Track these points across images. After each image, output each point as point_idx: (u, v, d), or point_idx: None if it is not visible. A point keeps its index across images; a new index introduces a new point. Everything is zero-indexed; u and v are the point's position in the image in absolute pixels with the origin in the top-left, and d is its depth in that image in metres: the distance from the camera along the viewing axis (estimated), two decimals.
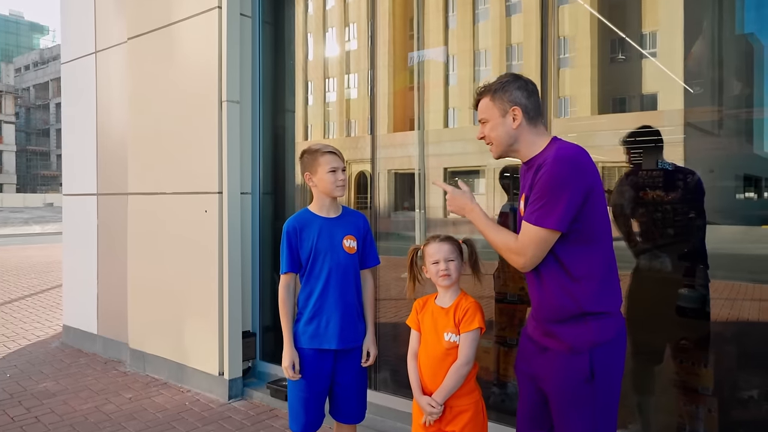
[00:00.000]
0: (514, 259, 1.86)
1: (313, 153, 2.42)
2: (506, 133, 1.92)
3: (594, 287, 1.83)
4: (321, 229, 2.41)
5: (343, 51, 7.78)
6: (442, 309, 2.21)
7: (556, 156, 1.79)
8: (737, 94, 2.68)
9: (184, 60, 4.14)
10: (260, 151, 4.19)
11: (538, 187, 1.77)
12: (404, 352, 2.31)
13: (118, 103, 4.85)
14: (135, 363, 4.60)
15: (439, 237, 2.22)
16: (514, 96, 1.91)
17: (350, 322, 2.44)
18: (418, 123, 4.93)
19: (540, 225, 1.77)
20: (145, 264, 4.49)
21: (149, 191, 4.43)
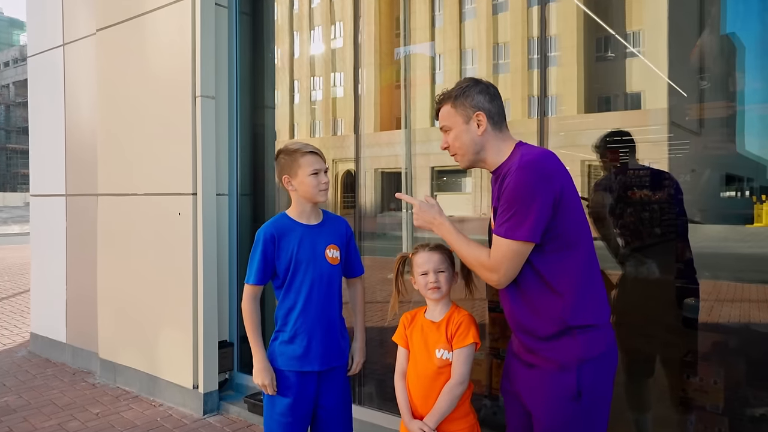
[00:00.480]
0: (487, 276, 1.72)
1: (292, 153, 2.18)
2: (471, 141, 1.78)
3: (578, 298, 1.69)
4: (302, 238, 2.18)
5: (328, 48, 7.58)
6: (432, 323, 2.02)
7: (520, 163, 1.65)
8: (721, 93, 2.64)
9: (156, 53, 3.89)
10: (238, 149, 3.95)
11: (505, 198, 1.64)
12: (391, 362, 2.12)
13: (88, 98, 4.58)
14: (105, 374, 4.34)
15: (429, 246, 2.01)
16: (477, 100, 1.77)
17: (333, 339, 2.22)
18: (405, 121, 4.83)
19: (511, 237, 1.63)
20: (116, 269, 4.23)
21: (120, 192, 4.17)
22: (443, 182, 6.74)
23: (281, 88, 4.28)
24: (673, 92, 2.78)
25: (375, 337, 3.71)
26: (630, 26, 3.03)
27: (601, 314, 1.73)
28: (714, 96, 2.70)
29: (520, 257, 1.66)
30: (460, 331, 1.94)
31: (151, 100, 3.92)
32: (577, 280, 1.69)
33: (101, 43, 4.28)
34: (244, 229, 3.99)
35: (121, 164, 4.16)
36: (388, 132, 6.12)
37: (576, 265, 1.70)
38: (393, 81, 5.62)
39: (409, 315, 2.12)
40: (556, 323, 1.68)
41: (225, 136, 3.88)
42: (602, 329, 1.71)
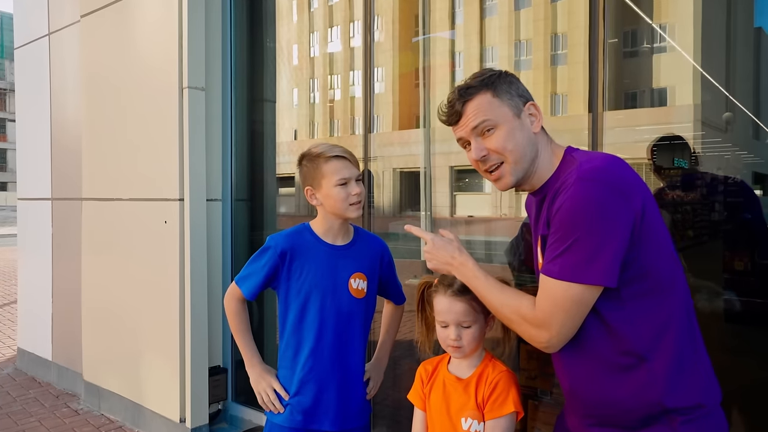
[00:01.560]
0: (533, 334, 1.21)
1: (314, 159, 1.73)
2: (528, 141, 1.28)
3: (674, 367, 1.17)
4: (322, 262, 1.74)
5: (347, 46, 7.30)
6: (458, 381, 1.53)
7: (580, 174, 1.14)
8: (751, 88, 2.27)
9: (141, 39, 3.44)
10: (232, 149, 3.47)
11: (559, 221, 1.14)
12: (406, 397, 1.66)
13: (73, 92, 4.16)
14: (89, 399, 3.91)
15: (452, 286, 1.49)
16: (521, 88, 1.30)
17: (352, 393, 1.78)
18: (423, 120, 4.57)
19: (570, 279, 1.13)
20: (100, 282, 3.80)
21: (104, 196, 3.73)
22: (463, 182, 6.46)
23: (279, 77, 3.81)
24: (702, 88, 2.39)
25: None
26: (659, 19, 2.65)
27: (709, 390, 1.20)
28: (744, 92, 2.29)
29: (582, 307, 1.16)
30: (495, 395, 1.44)
31: (135, 93, 3.47)
32: (672, 340, 1.17)
33: (85, 30, 3.85)
34: (239, 239, 3.51)
35: (106, 165, 3.73)
36: (406, 131, 5.90)
37: (668, 316, 1.18)
38: (412, 79, 5.41)
39: (429, 365, 1.62)
40: (644, 404, 1.17)
41: (218, 133, 3.40)
42: (712, 414, 1.18)
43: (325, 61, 10.31)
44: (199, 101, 3.23)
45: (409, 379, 1.67)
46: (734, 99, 2.20)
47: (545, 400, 2.56)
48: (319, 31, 10.19)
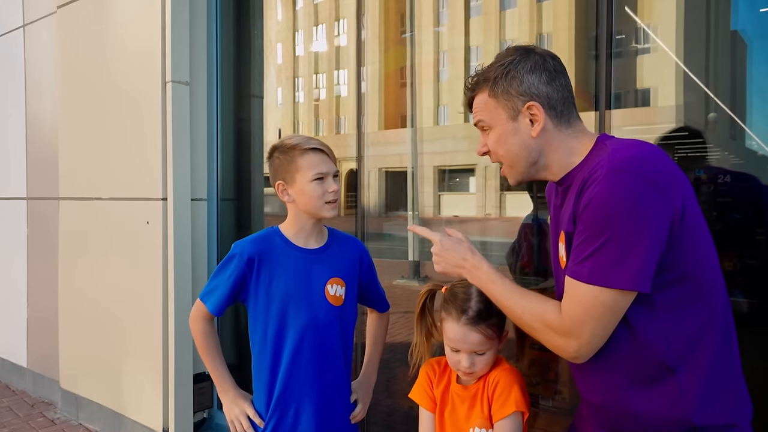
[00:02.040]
0: (560, 343, 1.10)
1: (288, 151, 1.57)
2: (522, 146, 1.18)
3: (707, 381, 1.07)
4: (295, 268, 1.58)
5: (332, 45, 7.24)
6: (464, 390, 1.44)
7: (613, 163, 1.02)
8: (730, 90, 2.27)
9: (121, 31, 3.28)
10: (218, 146, 3.33)
11: (589, 218, 1.03)
12: (400, 403, 1.55)
13: (50, 87, 3.97)
14: (67, 408, 3.73)
15: (468, 312, 1.36)
16: (527, 84, 1.16)
17: (334, 411, 1.63)
18: (410, 120, 4.53)
19: (601, 283, 1.02)
20: (78, 286, 3.63)
21: (83, 196, 3.57)
22: (447, 182, 6.46)
23: (267, 71, 3.69)
24: (685, 89, 2.37)
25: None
26: (642, 20, 2.59)
27: (742, 408, 1.11)
28: (724, 93, 2.28)
29: (615, 314, 1.05)
30: (497, 395, 1.37)
31: (115, 88, 3.31)
32: (706, 353, 1.07)
33: (62, 21, 3.68)
34: (226, 241, 3.37)
35: (85, 163, 3.56)
36: (393, 130, 5.85)
37: (704, 327, 1.08)
38: (398, 78, 5.44)
39: (437, 365, 1.51)
40: (671, 420, 1.08)
41: (203, 129, 3.26)
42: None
43: (310, 60, 10.18)
44: (183, 96, 3.08)
45: (402, 383, 1.57)
46: (717, 99, 2.19)
47: (546, 407, 2.49)
48: (303, 29, 10.05)
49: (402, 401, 3.07)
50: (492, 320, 1.37)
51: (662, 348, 1.07)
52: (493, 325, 1.37)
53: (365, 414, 1.76)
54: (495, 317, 1.37)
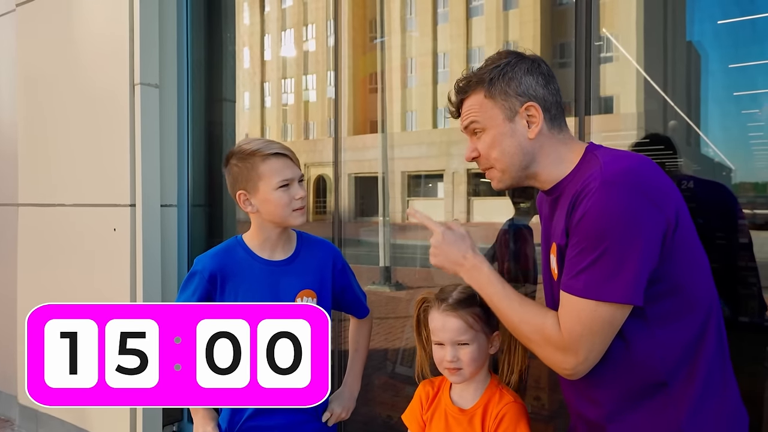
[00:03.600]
0: (558, 359, 1.08)
1: (248, 158, 1.47)
2: (518, 149, 1.15)
3: (699, 393, 1.06)
4: (261, 282, 1.50)
5: (300, 51, 7.23)
6: (460, 412, 1.36)
7: (606, 176, 1.02)
8: (686, 100, 2.36)
9: (87, 30, 3.16)
10: (189, 151, 3.25)
11: (584, 231, 1.04)
12: (380, 412, 1.49)
13: (9, 88, 3.82)
14: (25, 424, 3.56)
15: (447, 299, 1.34)
16: (525, 85, 1.14)
17: (302, 426, 1.56)
18: (381, 125, 4.62)
19: (598, 297, 1.01)
20: (39, 296, 3.47)
21: (44, 202, 3.42)
22: (416, 187, 6.48)
23: (238, 74, 3.63)
24: (646, 97, 2.45)
25: None
26: (602, 29, 2.63)
27: (735, 420, 1.11)
28: (681, 102, 2.37)
29: (612, 328, 1.04)
30: (502, 430, 1.29)
31: (80, 90, 3.19)
32: (699, 365, 1.07)
33: (22, 20, 3.53)
34: (197, 249, 3.28)
35: (47, 167, 3.42)
36: (362, 136, 5.85)
37: (698, 339, 1.07)
38: (368, 84, 5.40)
39: (431, 387, 1.46)
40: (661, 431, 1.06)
41: (173, 134, 3.16)
42: None
43: (278, 65, 10.05)
44: (153, 99, 2.99)
45: (379, 391, 1.53)
46: (676, 107, 2.25)
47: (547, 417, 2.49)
48: (271, 34, 9.93)
49: (379, 410, 3.04)
50: (473, 309, 1.32)
51: (656, 360, 1.07)
52: (475, 314, 1.32)
53: (345, 417, 1.69)
54: (478, 308, 1.33)
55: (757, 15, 2.05)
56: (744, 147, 2.13)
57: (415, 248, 4.61)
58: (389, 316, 3.91)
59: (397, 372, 3.15)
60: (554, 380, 2.45)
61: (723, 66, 2.22)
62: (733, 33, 2.13)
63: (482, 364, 1.36)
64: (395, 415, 1.51)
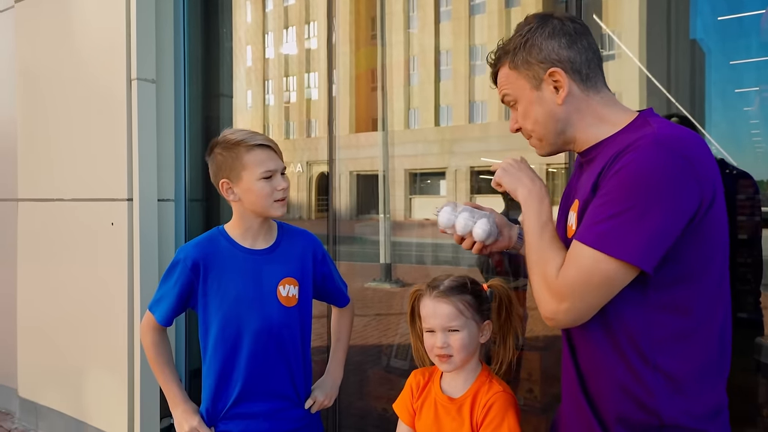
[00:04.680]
0: (544, 300, 1.05)
1: (233, 147, 1.50)
2: (549, 115, 1.14)
3: (695, 379, 1.04)
4: (244, 271, 1.52)
5: (302, 48, 7.25)
6: (450, 402, 1.37)
7: (659, 137, 0.97)
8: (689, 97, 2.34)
9: (84, 26, 3.19)
10: (186, 146, 3.26)
11: (616, 183, 0.99)
12: (372, 405, 1.50)
13: (8, 84, 3.83)
14: (25, 417, 3.59)
15: (439, 287, 1.36)
16: (547, 50, 1.12)
17: (289, 414, 1.58)
18: (381, 123, 4.60)
19: (607, 251, 0.97)
20: (39, 291, 3.50)
21: (43, 197, 3.45)
22: (418, 185, 6.50)
23: (236, 69, 3.65)
24: (649, 94, 2.42)
25: (352, 358, 3.09)
26: (607, 26, 2.68)
27: (723, 410, 1.10)
28: (684, 100, 2.34)
29: (610, 287, 1.00)
30: (489, 419, 1.29)
31: (77, 85, 3.21)
32: (695, 357, 1.05)
33: (21, 16, 3.56)
34: None
35: (46, 162, 3.44)
36: (364, 134, 5.85)
37: (698, 331, 1.05)
38: (369, 81, 5.37)
39: (422, 377, 1.47)
40: (643, 419, 1.05)
41: (170, 128, 3.19)
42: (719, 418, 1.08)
43: (280, 63, 10.09)
44: (149, 94, 3.01)
45: (375, 385, 1.54)
46: (678, 104, 2.24)
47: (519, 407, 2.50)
48: (273, 32, 9.95)
49: (374, 403, 3.06)
50: (464, 297, 1.34)
51: (646, 339, 1.04)
52: (465, 301, 1.33)
53: (328, 405, 1.71)
54: (469, 296, 1.35)
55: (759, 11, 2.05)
56: (747, 144, 2.13)
57: (415, 246, 4.62)
58: (391, 312, 3.92)
59: (393, 366, 3.17)
60: (547, 374, 2.47)
61: (726, 63, 2.22)
62: (736, 29, 2.13)
63: (473, 353, 1.36)
64: (391, 408, 1.52)
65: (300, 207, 6.80)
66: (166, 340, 1.61)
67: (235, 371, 1.52)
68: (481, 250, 1.31)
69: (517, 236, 1.38)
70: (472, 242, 1.29)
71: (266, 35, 10.20)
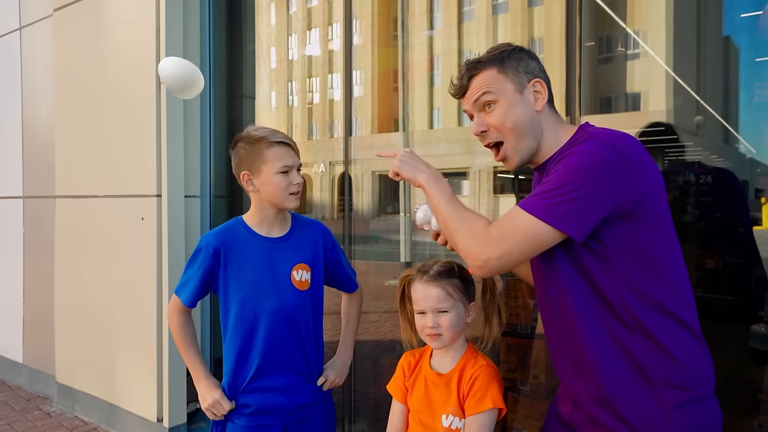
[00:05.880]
0: (473, 249, 1.17)
1: (255, 143, 1.64)
2: (528, 117, 1.25)
3: (668, 344, 1.16)
4: (260, 256, 1.66)
5: (325, 49, 7.34)
6: (439, 377, 1.48)
7: (596, 134, 1.16)
8: (721, 95, 2.31)
9: (117, 33, 3.38)
10: (211, 145, 3.44)
11: (559, 169, 1.15)
12: (387, 394, 1.62)
13: (46, 87, 4.07)
14: (63, 401, 3.82)
15: (428, 272, 1.47)
16: (531, 66, 1.27)
17: (304, 391, 1.72)
18: (402, 124, 4.63)
19: (540, 216, 1.11)
20: (74, 282, 3.71)
21: (79, 194, 3.66)
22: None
23: (258, 72, 3.79)
24: (675, 93, 2.41)
25: (367, 353, 3.21)
26: (631, 25, 2.66)
27: (708, 377, 1.19)
28: (715, 98, 2.33)
29: (536, 246, 1.14)
30: (474, 390, 1.40)
31: (111, 89, 3.41)
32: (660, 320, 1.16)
33: (58, 24, 3.78)
34: None
35: (81, 161, 3.66)
36: (385, 134, 5.92)
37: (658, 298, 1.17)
38: (391, 82, 5.48)
39: (412, 357, 1.58)
40: (638, 384, 1.16)
41: (196, 128, 3.37)
42: (708, 402, 1.18)
43: (303, 64, 10.24)
44: (178, 97, 3.18)
45: (389, 376, 1.65)
46: (706, 104, 2.24)
47: (524, 392, 2.59)
48: (297, 33, 10.11)
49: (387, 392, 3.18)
50: (452, 280, 1.45)
51: (625, 305, 1.15)
52: (453, 284, 1.44)
53: (339, 383, 1.82)
54: (456, 279, 1.46)
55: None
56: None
57: (435, 246, 4.69)
58: None
59: (411, 347, 3.27)
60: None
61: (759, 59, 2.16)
62: None
63: (460, 332, 1.47)
64: None
65: (323, 207, 6.93)
66: (191, 322, 1.75)
67: (253, 349, 1.65)
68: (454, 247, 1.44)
69: None
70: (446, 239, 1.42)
71: (290, 37, 10.38)
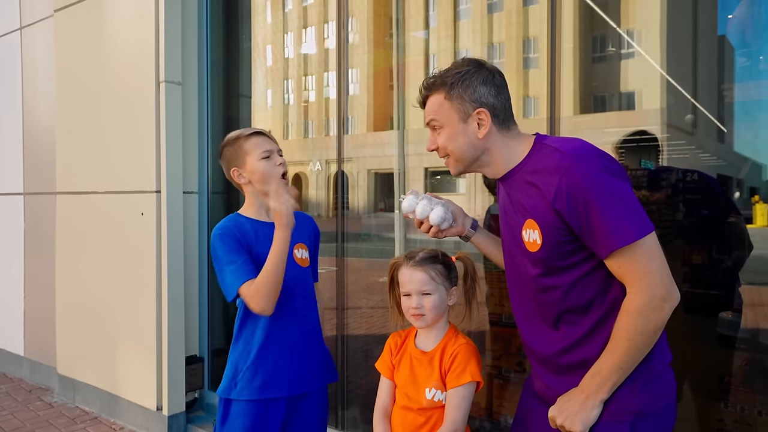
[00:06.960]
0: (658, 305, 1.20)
1: (234, 141, 1.83)
2: (469, 145, 1.37)
3: None
4: (266, 237, 1.76)
5: (321, 47, 7.36)
6: (423, 354, 1.61)
7: (570, 153, 1.24)
8: (715, 94, 2.37)
9: (116, 34, 3.48)
10: (209, 142, 3.54)
11: (574, 201, 1.20)
12: (377, 384, 1.73)
13: (46, 86, 4.16)
14: (64, 392, 3.91)
15: (415, 257, 1.59)
16: (479, 93, 1.35)
17: (307, 359, 1.85)
18: (397, 122, 4.64)
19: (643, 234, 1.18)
20: (75, 275, 3.81)
21: (79, 190, 3.75)
22: (437, 182, 6.58)
23: (254, 71, 3.89)
24: (668, 92, 2.47)
25: (359, 347, 3.32)
26: (626, 24, 2.72)
27: (663, 353, 1.32)
28: (709, 97, 2.39)
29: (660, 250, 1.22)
30: (455, 366, 1.53)
31: (110, 87, 3.50)
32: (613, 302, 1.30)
33: (59, 24, 3.86)
34: None
35: (81, 158, 3.75)
36: (380, 132, 5.98)
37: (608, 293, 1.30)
38: (386, 80, 5.56)
39: (399, 337, 1.71)
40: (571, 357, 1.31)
41: (194, 126, 3.47)
42: (665, 375, 1.31)
43: (299, 62, 10.30)
44: (176, 95, 3.28)
45: None
46: (699, 104, 2.30)
47: (510, 379, 2.70)
48: (293, 31, 10.17)
49: (378, 382, 3.28)
50: (436, 266, 1.57)
51: (596, 299, 1.29)
52: (437, 269, 1.56)
53: None
54: (440, 265, 1.58)
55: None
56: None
57: (430, 243, 4.78)
58: None
59: (398, 329, 3.38)
60: None
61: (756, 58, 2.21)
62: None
63: (442, 313, 1.60)
64: None
65: (318, 204, 7.01)
66: None
67: (261, 321, 1.78)
68: (436, 234, 1.57)
69: (470, 226, 1.63)
70: (429, 226, 1.55)
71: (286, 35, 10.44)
